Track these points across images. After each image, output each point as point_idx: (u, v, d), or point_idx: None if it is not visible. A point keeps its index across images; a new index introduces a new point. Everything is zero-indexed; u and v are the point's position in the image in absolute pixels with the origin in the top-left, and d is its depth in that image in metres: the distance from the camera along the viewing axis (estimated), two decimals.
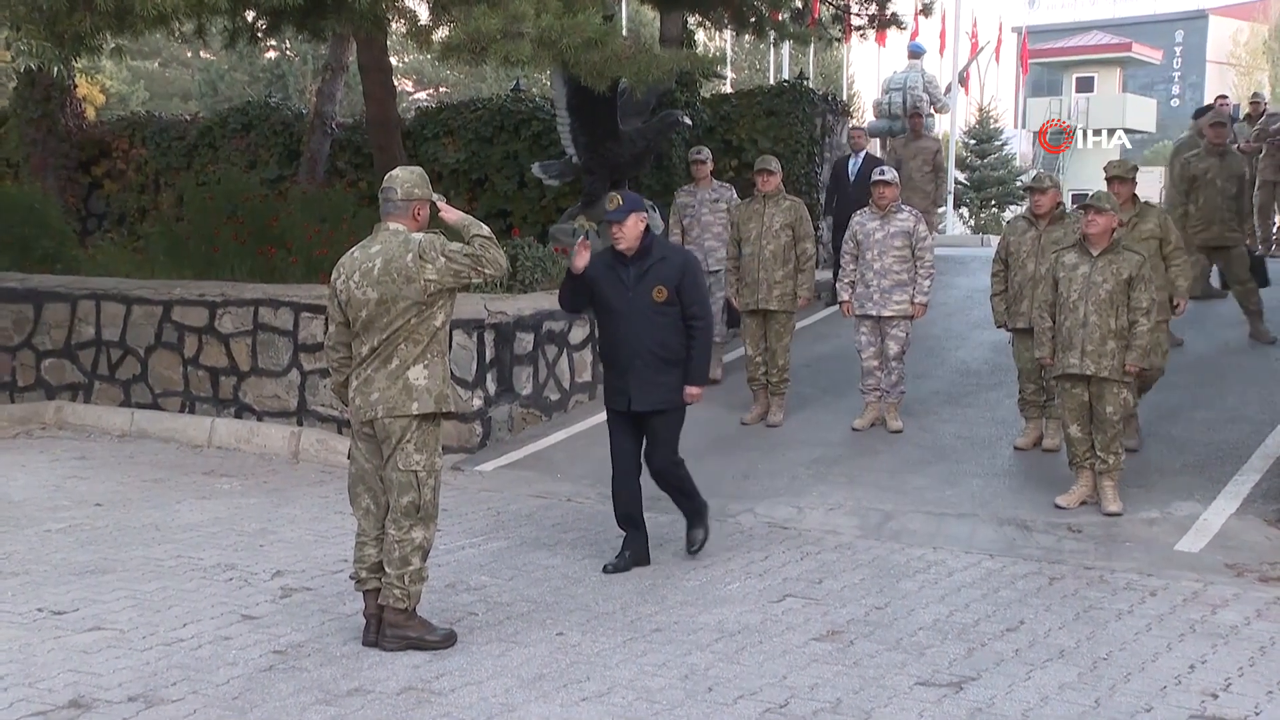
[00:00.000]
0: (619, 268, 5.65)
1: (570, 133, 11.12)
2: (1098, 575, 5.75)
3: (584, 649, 4.77)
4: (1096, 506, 6.65)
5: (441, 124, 14.44)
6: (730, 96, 14.22)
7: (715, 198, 9.50)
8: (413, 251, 4.61)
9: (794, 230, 8.55)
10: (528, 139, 13.70)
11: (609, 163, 11.19)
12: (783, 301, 8.56)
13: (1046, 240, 7.48)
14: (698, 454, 8.14)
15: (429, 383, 4.63)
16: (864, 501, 6.97)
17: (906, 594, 5.49)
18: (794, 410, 8.86)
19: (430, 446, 4.65)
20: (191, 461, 8.48)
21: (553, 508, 7.10)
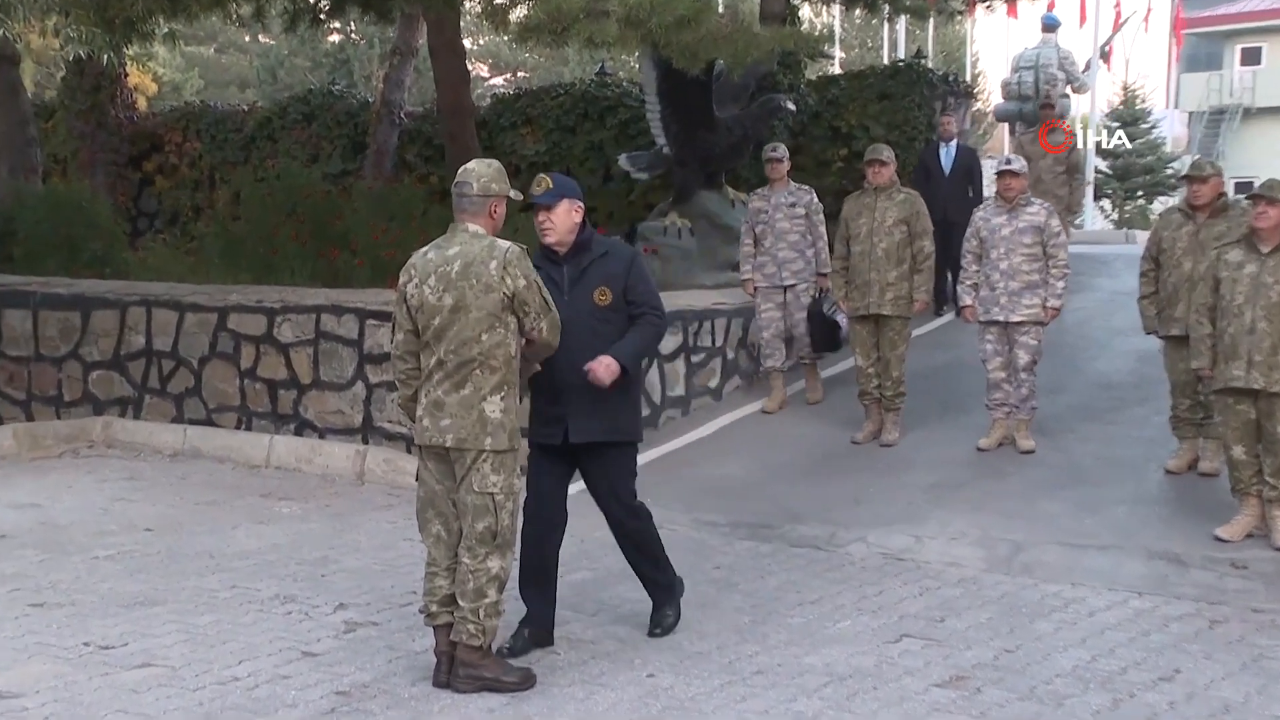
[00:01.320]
0: (550, 267, 5.05)
1: (660, 120, 11.17)
2: (1268, 619, 5.58)
3: (677, 692, 4.75)
4: (1264, 539, 6.46)
5: (519, 112, 14.62)
6: (839, 78, 14.17)
7: (792, 202, 9.36)
8: (498, 259, 4.64)
9: (909, 226, 8.49)
10: (614, 128, 13.80)
11: (703, 153, 11.23)
12: (897, 305, 8.49)
13: (1206, 235, 7.28)
14: (802, 476, 8.14)
15: (504, 417, 4.66)
16: (991, 530, 6.86)
17: (1041, 636, 5.38)
18: (911, 428, 8.78)
19: (509, 467, 4.69)
20: (248, 483, 8.65)
21: None
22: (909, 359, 8.81)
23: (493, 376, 4.65)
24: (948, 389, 9.69)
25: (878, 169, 8.57)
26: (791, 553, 6.69)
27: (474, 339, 4.63)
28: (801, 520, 7.17)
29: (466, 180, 4.82)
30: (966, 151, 11.73)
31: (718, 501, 7.69)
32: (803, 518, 7.21)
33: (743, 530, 7.14)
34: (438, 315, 4.66)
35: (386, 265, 10.02)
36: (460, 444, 4.63)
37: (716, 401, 9.75)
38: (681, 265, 11.10)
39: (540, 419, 5.10)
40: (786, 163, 9.47)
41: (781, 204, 9.34)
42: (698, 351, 9.62)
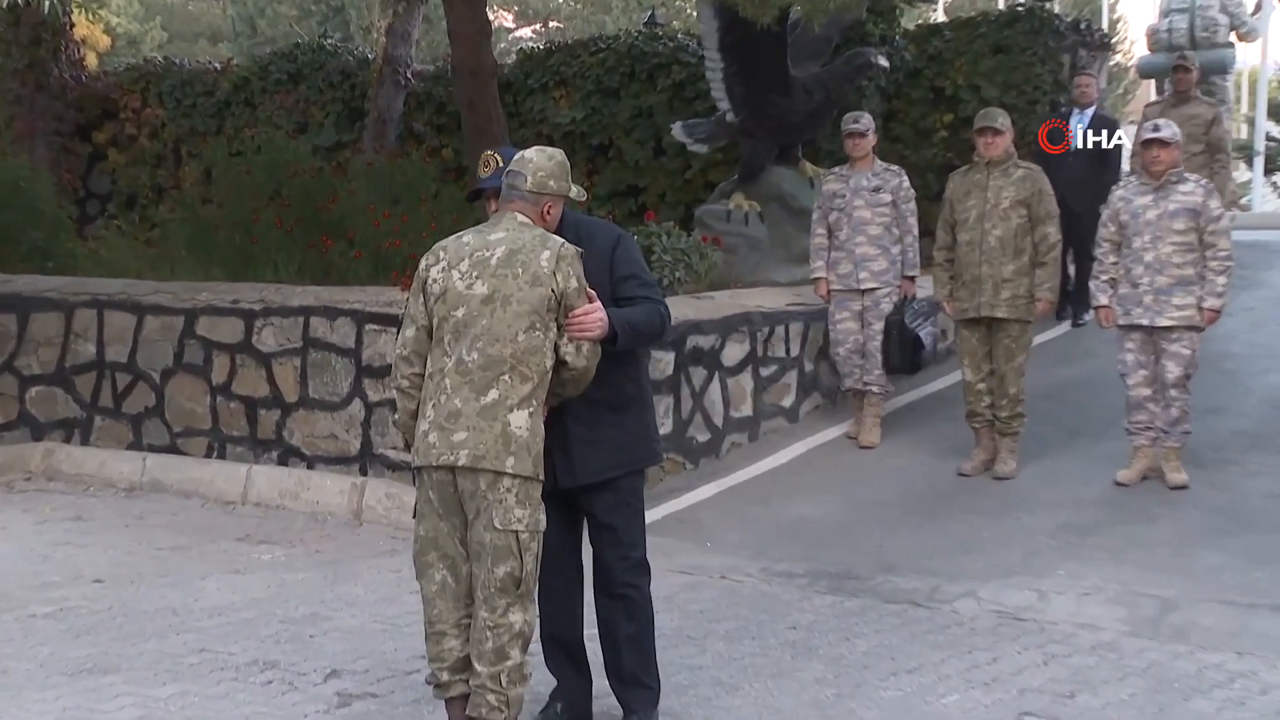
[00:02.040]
0: None
1: (724, 81, 11.19)
2: None
3: None
4: None
5: (552, 71, 14.69)
6: (943, 28, 14.11)
7: (876, 185, 9.33)
8: (551, 250, 4.70)
9: (1030, 209, 8.46)
10: (666, 90, 13.83)
11: (775, 121, 11.24)
12: (1015, 307, 8.47)
13: None
14: (898, 516, 8.12)
15: (531, 438, 4.67)
16: (1133, 585, 6.81)
17: (1199, 717, 5.33)
18: (1031, 457, 8.76)
19: (534, 499, 4.70)
20: (221, 523, 8.73)
21: (701, 588, 7.10)
22: (1029, 372, 8.77)
23: (523, 386, 4.66)
24: (1077, 410, 9.63)
25: (991, 139, 8.54)
26: (884, 610, 6.66)
27: (508, 337, 4.65)
28: (896, 570, 7.16)
29: (521, 171, 4.89)
30: (1104, 122, 11.63)
31: (794, 547, 7.68)
32: (898, 567, 7.20)
33: (824, 582, 7.12)
34: (463, 306, 4.69)
35: (390, 258, 10.10)
36: (477, 462, 4.62)
37: (791, 424, 9.74)
38: (749, 257, 11.11)
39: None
40: (871, 136, 9.43)
41: (863, 188, 9.32)
42: (768, 363, 9.63)
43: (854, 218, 9.31)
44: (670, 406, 8.90)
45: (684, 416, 9.01)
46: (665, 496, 8.59)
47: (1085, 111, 11.57)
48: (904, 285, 9.33)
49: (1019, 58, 13.07)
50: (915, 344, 9.29)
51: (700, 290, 9.93)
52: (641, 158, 13.85)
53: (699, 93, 13.01)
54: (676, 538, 7.91)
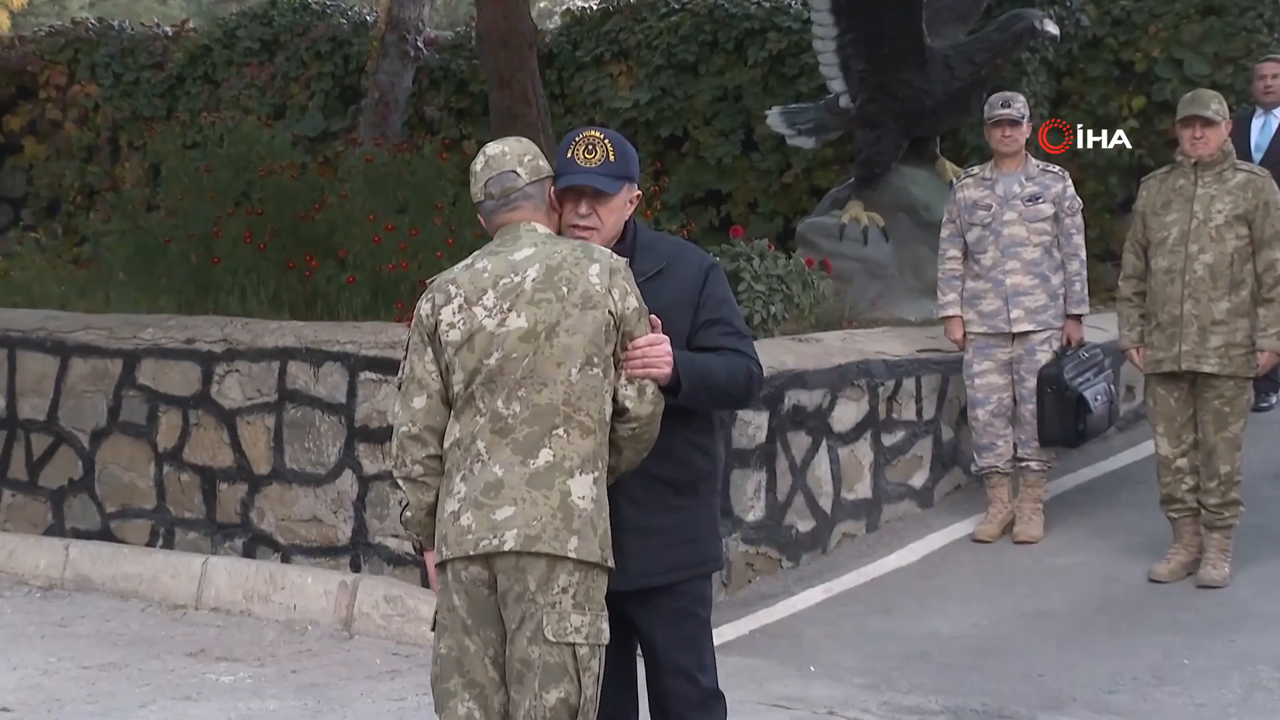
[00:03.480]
0: None
1: (837, 53, 11.23)
2: None
3: None
4: None
5: (608, 40, 14.80)
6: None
7: (1033, 193, 9.32)
8: (601, 263, 4.68)
9: (1253, 228, 8.42)
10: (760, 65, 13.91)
11: (905, 106, 11.26)
12: (1229, 359, 8.41)
13: None
14: (1067, 635, 8.10)
15: (597, 509, 4.67)
16: None
17: None
18: (1250, 559, 8.72)
19: (597, 602, 4.70)
20: (167, 634, 8.78)
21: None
22: (1248, 445, 8.74)
23: (584, 441, 4.64)
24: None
25: (1200, 132, 8.50)
26: None
27: (559, 378, 4.62)
28: (1065, 708, 7.13)
29: (506, 168, 4.86)
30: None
31: (927, 674, 7.66)
32: (1067, 704, 7.17)
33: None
34: (497, 350, 4.68)
35: (393, 283, 10.15)
36: (530, 544, 4.59)
37: (924, 509, 9.74)
38: (869, 286, 11.14)
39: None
40: (1028, 126, 9.44)
41: (1015, 195, 9.31)
42: (893, 429, 9.64)
43: (1003, 236, 9.29)
44: (762, 484, 8.90)
45: (781, 498, 9.01)
46: (754, 604, 8.59)
47: (1273, 112, 11.29)
48: (1068, 327, 9.29)
49: (1237, 21, 13.07)
50: (1079, 406, 9.18)
51: (804, 330, 9.95)
52: (726, 154, 13.92)
53: (803, 68, 13.09)
54: (768, 658, 7.91)
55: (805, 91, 12.88)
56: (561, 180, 4.81)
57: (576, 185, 4.79)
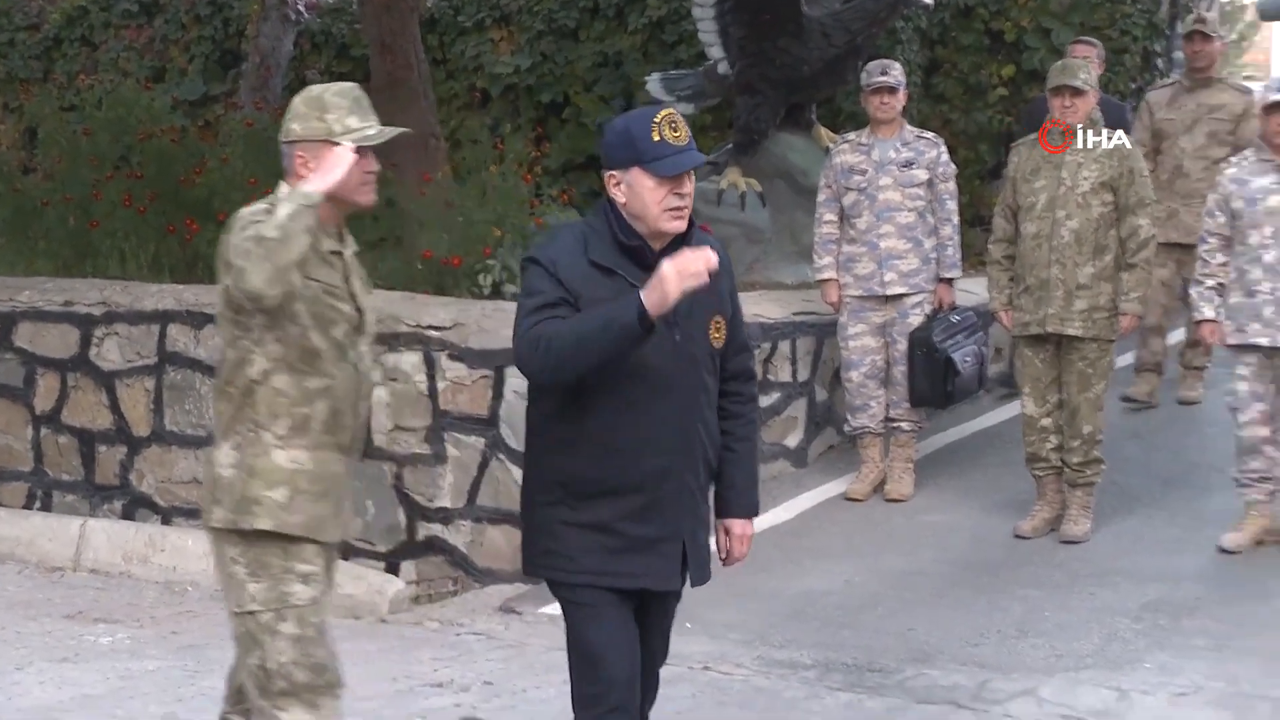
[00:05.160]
0: (636, 277, 4.46)
1: (716, 21, 11.23)
2: None
3: None
4: None
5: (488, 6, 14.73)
6: None
7: (908, 159, 9.33)
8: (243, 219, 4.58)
9: (1117, 195, 8.51)
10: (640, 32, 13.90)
11: (783, 74, 11.26)
12: (1093, 321, 8.51)
13: None
14: (935, 591, 8.18)
15: (235, 474, 4.68)
16: (1243, 683, 6.87)
17: None
18: (1110, 515, 8.84)
19: (277, 568, 4.68)
20: (45, 596, 8.71)
21: (679, 681, 7.10)
22: (1110, 406, 8.82)
23: (227, 408, 4.71)
24: (1172, 454, 9.70)
25: (1069, 101, 8.57)
26: (918, 712, 6.69)
27: (225, 353, 4.74)
28: (934, 661, 7.19)
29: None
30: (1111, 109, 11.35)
31: (801, 629, 7.72)
32: (936, 657, 7.24)
33: (839, 675, 7.15)
34: None
35: None
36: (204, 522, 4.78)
37: (799, 469, 9.80)
38: (747, 250, 11.15)
39: (613, 545, 4.58)
40: (904, 93, 9.45)
41: (890, 161, 9.31)
42: (769, 390, 9.67)
43: (878, 201, 9.29)
44: None
45: None
46: None
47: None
48: (939, 290, 9.35)
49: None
50: (947, 368, 9.21)
51: None
52: (606, 120, 13.87)
53: (682, 35, 13.08)
54: None
55: (685, 58, 12.87)
56: (676, 161, 4.45)
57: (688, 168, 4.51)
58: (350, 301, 4.70)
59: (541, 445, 4.63)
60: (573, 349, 4.26)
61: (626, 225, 4.47)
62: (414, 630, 8.12)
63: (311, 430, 4.63)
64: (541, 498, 4.61)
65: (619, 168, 4.49)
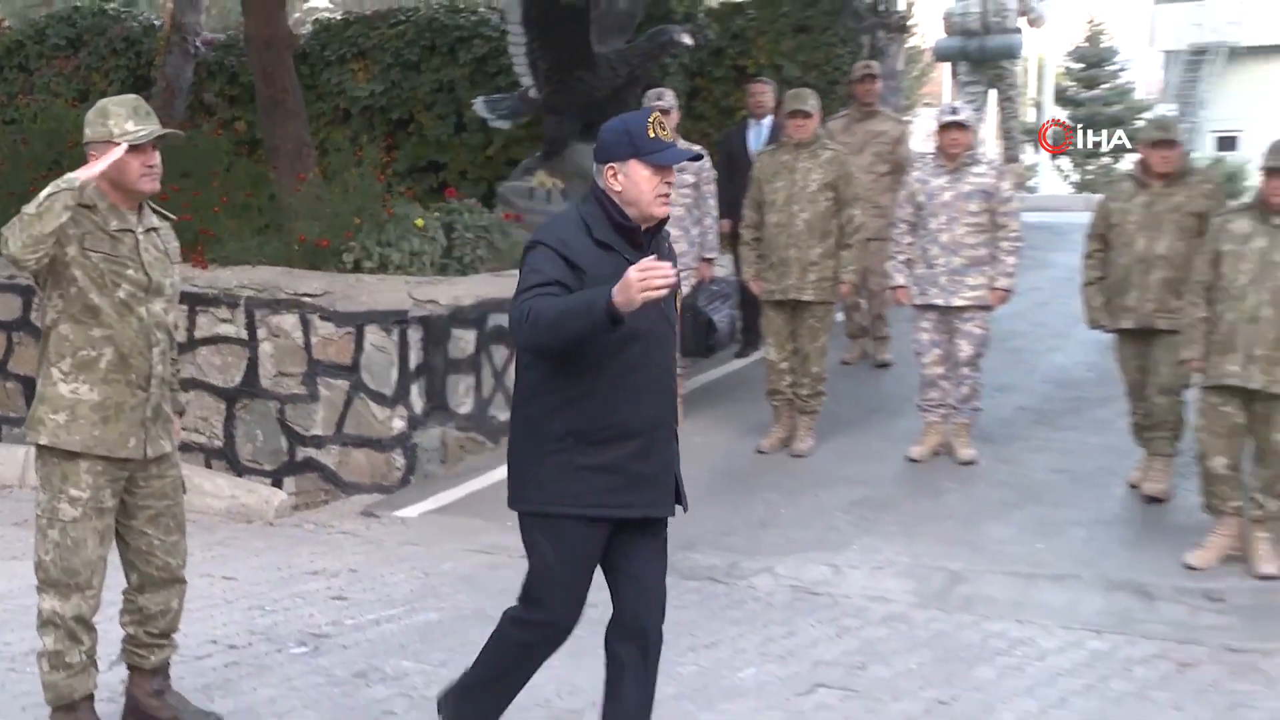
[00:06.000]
0: (630, 253, 4.21)
1: (527, 56, 11.22)
2: (1246, 661, 5.82)
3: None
4: (1244, 566, 6.74)
5: (349, 43, 14.54)
6: (746, 7, 14.31)
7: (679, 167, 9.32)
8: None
9: (837, 192, 8.63)
10: (468, 64, 13.80)
11: (579, 98, 11.28)
12: (820, 289, 8.63)
13: (1163, 208, 7.50)
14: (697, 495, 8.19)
15: (35, 400, 4.74)
16: (924, 558, 7.04)
17: (982, 684, 5.55)
18: (828, 435, 8.97)
19: (53, 484, 4.70)
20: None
21: (502, 567, 7.11)
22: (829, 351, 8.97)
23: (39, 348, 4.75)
24: (874, 388, 9.87)
25: (801, 122, 8.64)
26: (683, 587, 6.72)
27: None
28: (696, 548, 7.25)
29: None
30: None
31: None
32: (697, 545, 7.29)
33: None
34: None
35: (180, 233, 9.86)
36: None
37: None
38: None
39: (611, 485, 4.25)
40: (676, 114, 9.40)
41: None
42: None
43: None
44: (472, 385, 8.92)
45: (485, 395, 9.03)
46: (466, 475, 8.63)
47: (762, 122, 10.71)
48: (701, 268, 9.36)
49: (820, 38, 13.31)
50: (709, 327, 9.29)
51: (503, 269, 9.92)
52: (442, 133, 13.80)
53: (502, 67, 13.02)
54: (479, 517, 7.93)
55: (503, 85, 12.79)
56: (671, 154, 4.25)
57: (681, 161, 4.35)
58: (141, 270, 4.67)
59: (550, 403, 4.22)
60: (552, 325, 3.97)
61: (620, 210, 4.23)
62: (294, 531, 8.04)
63: (98, 369, 4.59)
64: (552, 446, 4.23)
65: (617, 160, 4.20)
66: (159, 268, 4.76)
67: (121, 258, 4.63)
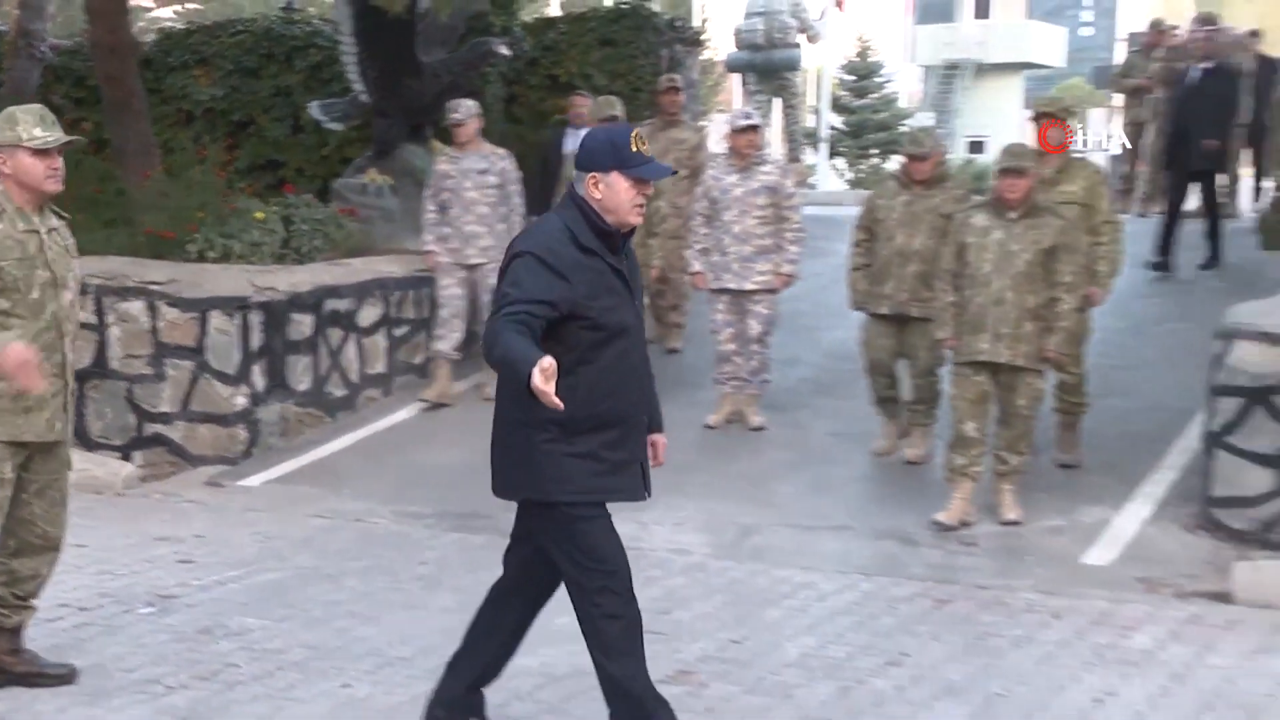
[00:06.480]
0: (609, 258, 4.15)
1: (358, 64, 11.06)
2: (993, 596, 6.01)
3: (375, 703, 4.77)
4: (992, 515, 6.94)
5: (191, 50, 14.10)
6: (557, 22, 14.29)
7: (483, 168, 9.20)
8: None
9: None
10: (303, 71, 13.49)
11: (407, 103, 11.15)
12: None
13: (921, 208, 7.65)
14: None
15: None
16: (719, 514, 7.12)
17: (770, 625, 5.64)
18: None
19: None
20: None
21: (338, 530, 7.06)
22: None
23: None
24: (678, 363, 9.94)
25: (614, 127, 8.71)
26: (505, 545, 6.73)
27: None
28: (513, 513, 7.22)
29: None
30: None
31: (425, 491, 7.71)
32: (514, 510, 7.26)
33: (451, 521, 7.19)
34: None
35: None
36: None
37: (424, 379, 9.73)
38: (383, 228, 10.99)
39: (613, 467, 4.23)
40: (472, 122, 9.27)
41: (471, 170, 9.19)
42: (401, 324, 9.60)
43: (463, 198, 9.17)
44: (309, 365, 8.80)
45: (322, 373, 8.91)
46: (304, 448, 8.53)
47: (580, 131, 10.48)
48: None
49: (624, 50, 13.33)
50: None
51: (338, 257, 9.77)
52: (280, 134, 13.47)
53: (335, 74, 12.74)
54: (316, 485, 7.89)
55: (336, 91, 12.52)
56: (651, 169, 4.18)
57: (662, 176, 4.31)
58: (47, 267, 4.57)
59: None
60: (500, 360, 3.87)
61: (600, 216, 4.11)
62: (143, 501, 7.84)
63: None
64: (540, 436, 4.12)
65: (600, 170, 4.10)
66: (62, 263, 4.66)
67: (30, 258, 4.53)
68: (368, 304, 9.30)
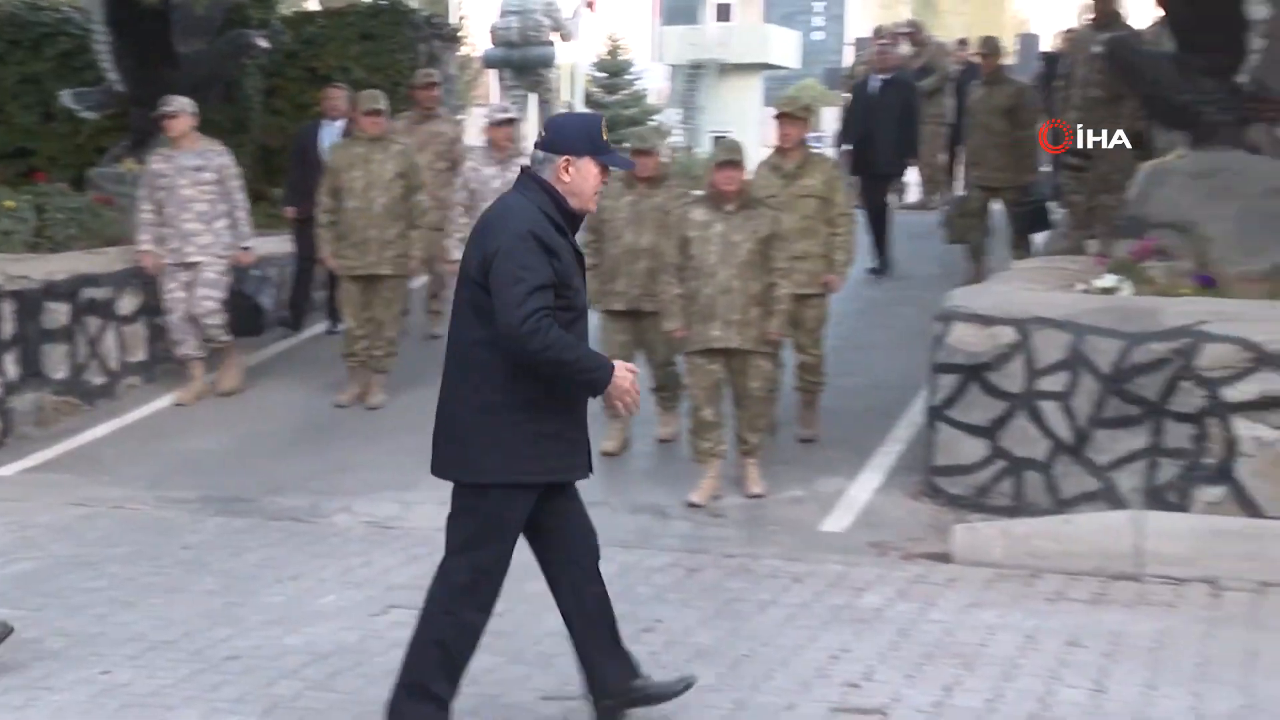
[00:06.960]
0: (567, 240, 4.11)
1: (111, 53, 10.63)
2: (740, 564, 6.15)
3: (137, 688, 4.62)
4: (739, 488, 7.10)
5: None
6: (316, 16, 14.03)
7: (199, 164, 8.82)
8: None
9: (407, 180, 8.58)
10: (53, 59, 12.85)
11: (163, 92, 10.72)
12: (396, 264, 8.61)
13: (646, 206, 7.59)
14: (285, 446, 8.08)
15: None
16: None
17: (531, 597, 5.60)
18: (398, 390, 8.87)
19: None
20: None
21: (97, 518, 6.80)
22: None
23: None
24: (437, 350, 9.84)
25: (374, 119, 8.60)
26: (270, 527, 6.62)
27: None
28: (281, 492, 7.12)
29: None
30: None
31: (188, 477, 7.50)
32: (283, 489, 7.17)
33: (214, 505, 7.00)
34: None
35: None
36: None
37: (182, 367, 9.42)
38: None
39: (573, 447, 4.21)
40: (185, 118, 8.90)
41: (186, 167, 8.79)
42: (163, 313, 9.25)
43: (178, 195, 8.75)
44: (66, 354, 8.46)
45: (79, 362, 8.58)
46: (61, 436, 8.22)
47: (335, 123, 10.21)
48: (240, 256, 8.94)
49: (383, 45, 13.19)
50: (255, 311, 9.02)
51: (95, 246, 9.35)
52: (31, 122, 12.82)
53: (88, 63, 12.18)
54: (74, 473, 7.64)
55: (89, 79, 11.98)
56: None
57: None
58: None
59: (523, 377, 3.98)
60: (555, 364, 3.88)
61: (564, 199, 4.03)
62: None
63: None
64: (517, 416, 4.03)
65: (575, 154, 4.02)
66: None
67: None
68: (128, 292, 8.95)
